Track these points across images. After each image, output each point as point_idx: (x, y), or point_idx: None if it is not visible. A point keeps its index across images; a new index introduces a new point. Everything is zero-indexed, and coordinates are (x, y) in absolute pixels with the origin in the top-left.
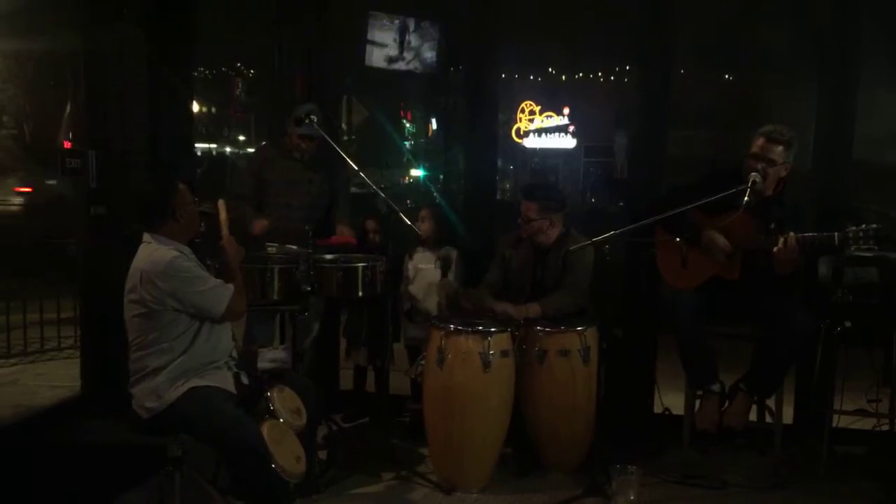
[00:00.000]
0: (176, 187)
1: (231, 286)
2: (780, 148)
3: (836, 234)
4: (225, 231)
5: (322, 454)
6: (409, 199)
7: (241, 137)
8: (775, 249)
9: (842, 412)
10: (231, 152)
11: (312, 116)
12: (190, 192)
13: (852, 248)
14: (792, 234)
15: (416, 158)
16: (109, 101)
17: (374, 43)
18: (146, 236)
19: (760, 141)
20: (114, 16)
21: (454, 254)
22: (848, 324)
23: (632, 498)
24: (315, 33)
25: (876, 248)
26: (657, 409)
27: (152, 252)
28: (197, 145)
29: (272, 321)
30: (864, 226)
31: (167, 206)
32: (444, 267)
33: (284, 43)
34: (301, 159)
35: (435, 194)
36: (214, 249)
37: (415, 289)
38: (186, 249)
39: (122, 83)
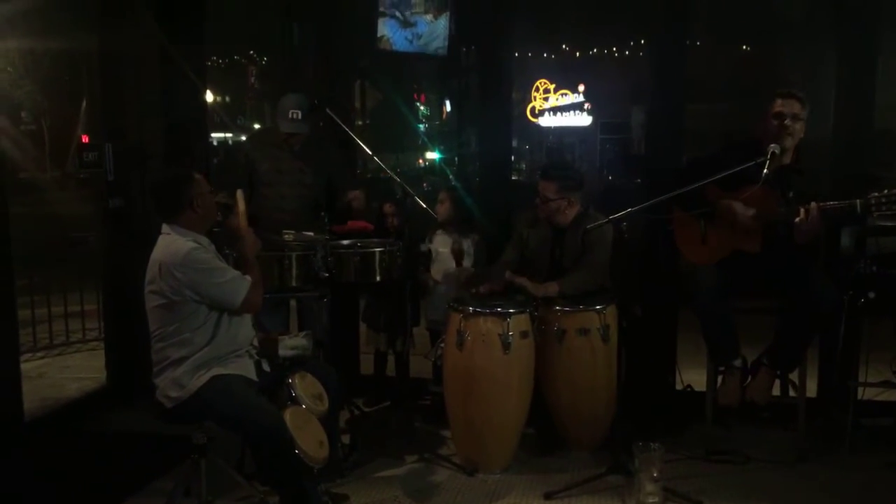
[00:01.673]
0: (192, 177)
1: (248, 278)
2: (798, 103)
3: (858, 201)
4: (244, 223)
5: (345, 438)
6: (425, 182)
7: (257, 126)
8: (797, 220)
9: (867, 384)
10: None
11: (295, 112)
12: (207, 182)
13: (875, 215)
14: (814, 203)
15: (432, 141)
16: (124, 94)
17: (385, 25)
18: (165, 227)
19: (777, 101)
20: (125, 9)
21: (468, 242)
22: (872, 294)
23: (655, 475)
24: (327, 18)
25: None
26: (679, 386)
27: (170, 243)
28: (212, 135)
29: (281, 310)
30: (886, 191)
31: (184, 196)
32: (458, 257)
33: (296, 29)
34: (291, 150)
35: (450, 177)
36: (232, 239)
37: (434, 271)
38: (204, 240)
39: (136, 76)
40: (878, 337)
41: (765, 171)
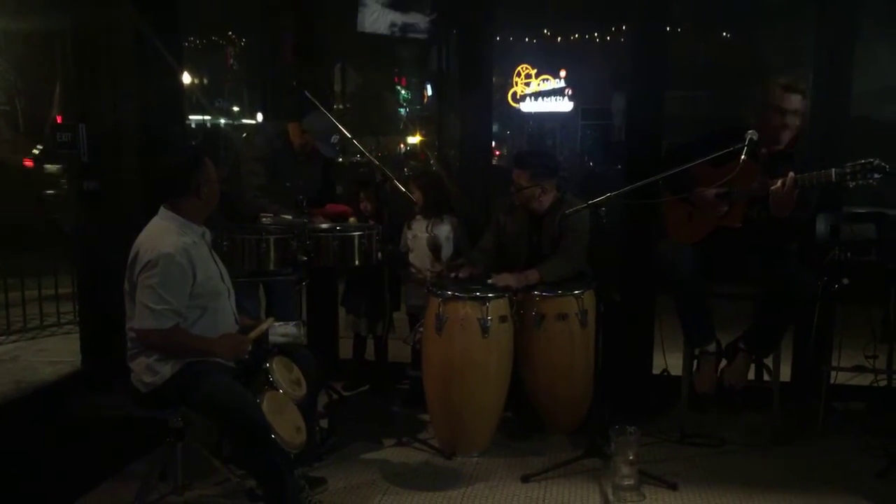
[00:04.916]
0: (202, 162)
1: (174, 325)
2: (799, 97)
3: (833, 170)
4: (251, 337)
5: (323, 423)
6: (406, 166)
7: (235, 108)
8: (773, 188)
9: (840, 369)
10: (226, 123)
11: (336, 137)
12: (215, 169)
13: (850, 184)
14: (791, 173)
15: (413, 125)
16: (98, 75)
17: (367, 7)
18: (162, 211)
19: (779, 92)
20: None
21: (446, 228)
22: (846, 280)
23: (631, 458)
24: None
25: (874, 182)
26: (656, 371)
27: (158, 235)
28: (191, 117)
29: (257, 294)
30: (862, 161)
31: (192, 182)
32: (435, 249)
33: (274, 10)
34: (301, 154)
35: (431, 162)
36: (227, 227)
37: (413, 257)
38: (199, 231)
39: (110, 56)
40: (851, 322)
41: (742, 156)
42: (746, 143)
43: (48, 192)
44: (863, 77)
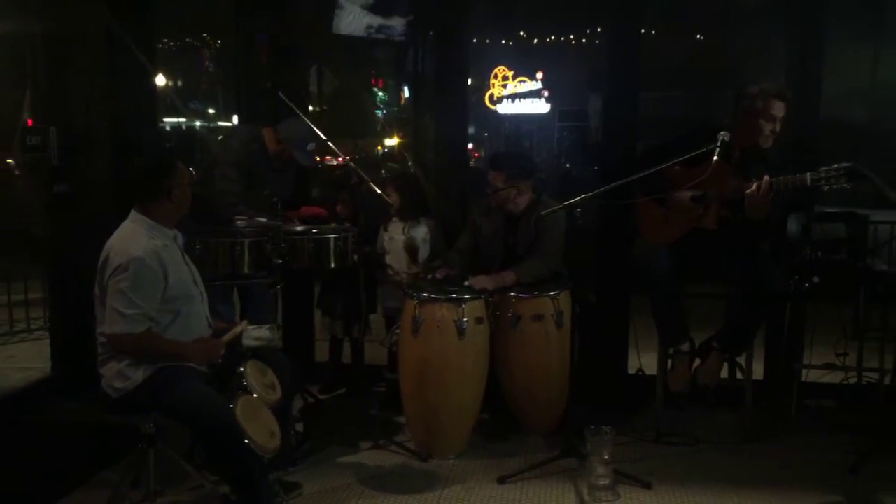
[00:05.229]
0: (175, 166)
1: (146, 329)
2: (786, 105)
3: (808, 174)
4: (225, 340)
5: (299, 427)
6: (383, 168)
7: (211, 110)
8: (748, 192)
9: (811, 367)
10: (201, 126)
11: (312, 145)
12: (188, 173)
13: (825, 187)
14: (767, 177)
15: (390, 127)
16: (69, 76)
17: (342, 9)
18: (133, 214)
19: (771, 101)
20: None
21: (423, 230)
22: (816, 279)
23: (606, 458)
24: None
25: (848, 186)
26: (631, 370)
27: (129, 237)
28: (165, 119)
29: (231, 297)
30: (835, 165)
31: (163, 185)
32: (411, 251)
33: (249, 11)
34: (277, 160)
35: (410, 164)
36: (201, 230)
37: (389, 259)
38: (171, 234)
39: (82, 59)
40: (822, 321)
41: (714, 157)
42: (719, 143)
43: None
44: (832, 79)
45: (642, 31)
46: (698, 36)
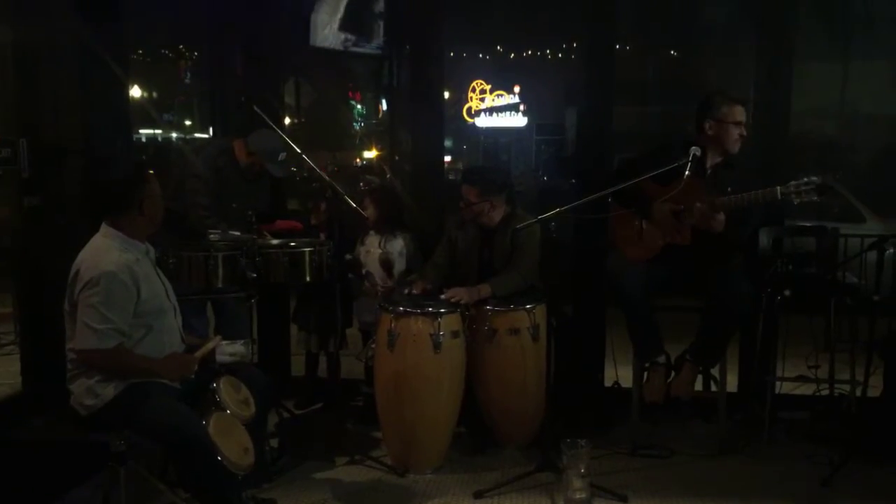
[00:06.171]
0: (145, 178)
1: (118, 345)
2: (744, 109)
3: (778, 188)
4: (198, 357)
5: (274, 442)
6: (361, 181)
7: (187, 122)
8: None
9: (784, 379)
10: (178, 137)
11: (283, 154)
12: (159, 185)
13: (795, 201)
14: (698, 204)
15: (367, 140)
16: (40, 87)
17: (319, 23)
18: (104, 228)
19: (734, 107)
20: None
21: (399, 243)
22: (787, 292)
23: (582, 471)
24: (257, 13)
25: (817, 199)
26: (607, 383)
27: (100, 252)
28: (141, 131)
29: (205, 312)
30: (805, 179)
31: (133, 197)
32: (387, 265)
33: (225, 23)
34: (249, 172)
35: (388, 176)
36: (173, 241)
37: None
38: (143, 248)
39: (53, 69)
40: (794, 333)
41: (686, 172)
42: (690, 159)
43: None
44: (801, 96)
45: (617, 46)
46: (671, 52)
